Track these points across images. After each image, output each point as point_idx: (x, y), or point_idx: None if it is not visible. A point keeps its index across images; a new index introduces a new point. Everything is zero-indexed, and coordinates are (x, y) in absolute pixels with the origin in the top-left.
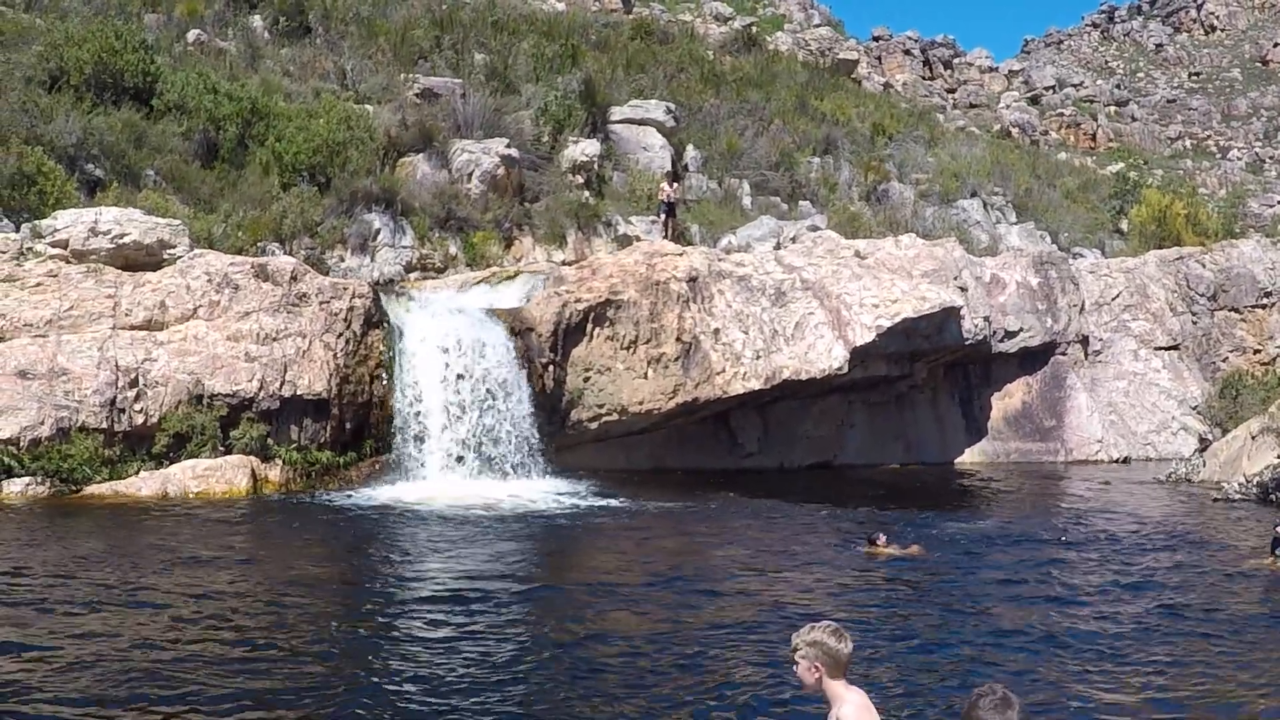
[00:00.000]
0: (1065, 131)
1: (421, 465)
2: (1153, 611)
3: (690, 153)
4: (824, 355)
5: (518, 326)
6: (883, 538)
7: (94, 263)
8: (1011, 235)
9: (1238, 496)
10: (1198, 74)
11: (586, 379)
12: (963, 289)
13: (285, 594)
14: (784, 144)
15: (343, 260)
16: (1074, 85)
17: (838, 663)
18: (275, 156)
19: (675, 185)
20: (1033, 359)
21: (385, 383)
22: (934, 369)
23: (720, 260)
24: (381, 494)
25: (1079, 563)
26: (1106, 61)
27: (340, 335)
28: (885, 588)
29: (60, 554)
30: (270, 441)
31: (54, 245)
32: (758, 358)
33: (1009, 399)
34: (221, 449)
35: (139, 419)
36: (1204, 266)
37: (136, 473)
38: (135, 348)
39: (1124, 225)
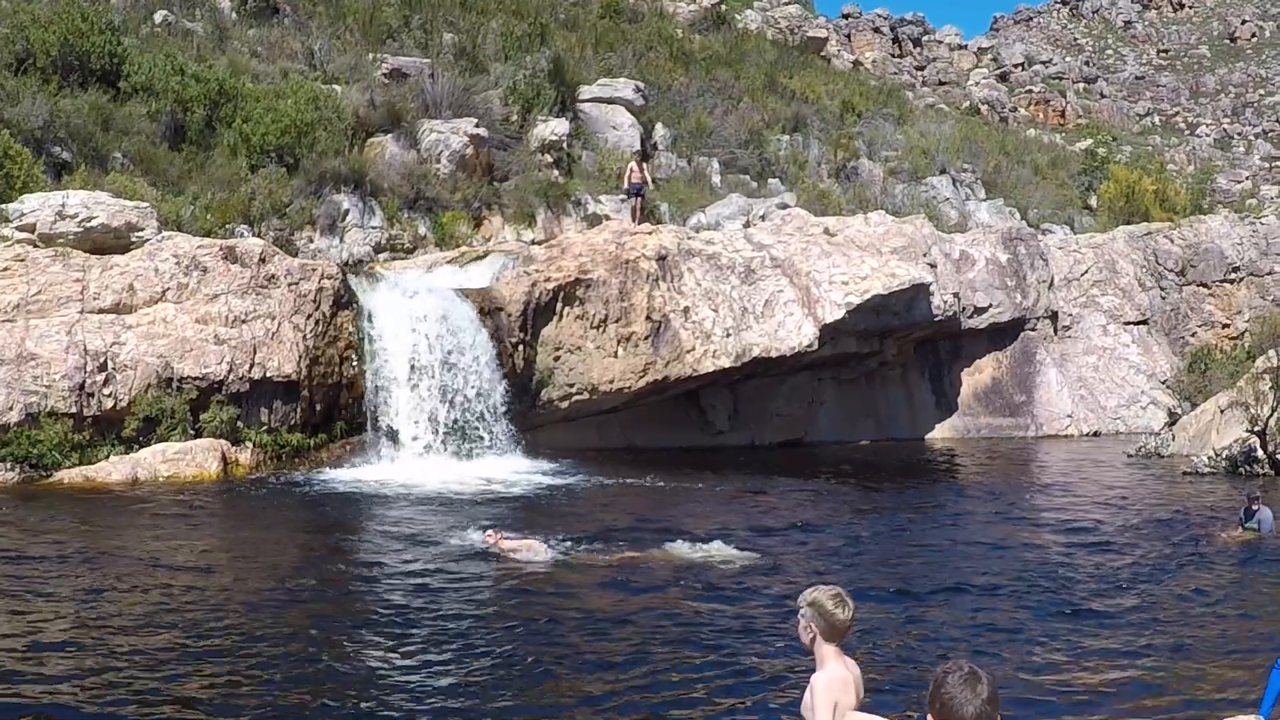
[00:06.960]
0: (1034, 108)
1: (392, 446)
2: (1123, 583)
3: (659, 131)
4: (794, 333)
5: (487, 306)
6: (490, 532)
7: (61, 246)
8: (981, 212)
9: (1207, 470)
10: (1166, 51)
11: (557, 358)
12: (932, 266)
13: (253, 579)
14: (753, 122)
15: (311, 241)
16: (1043, 62)
17: (831, 627)
18: (243, 138)
19: (644, 165)
20: (1002, 335)
21: (355, 364)
22: (904, 346)
23: (690, 238)
24: (352, 476)
25: (1048, 538)
26: (1075, 38)
27: (309, 317)
28: (865, 566)
29: (30, 541)
30: (240, 424)
31: (21, 229)
32: (728, 336)
33: (979, 375)
34: (191, 432)
35: (108, 403)
36: (1172, 242)
37: (106, 457)
38: (104, 331)
39: (1093, 201)
